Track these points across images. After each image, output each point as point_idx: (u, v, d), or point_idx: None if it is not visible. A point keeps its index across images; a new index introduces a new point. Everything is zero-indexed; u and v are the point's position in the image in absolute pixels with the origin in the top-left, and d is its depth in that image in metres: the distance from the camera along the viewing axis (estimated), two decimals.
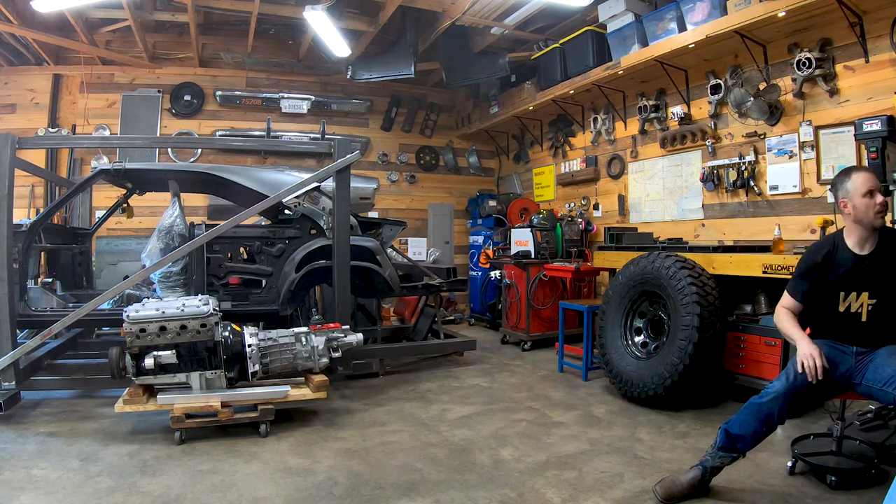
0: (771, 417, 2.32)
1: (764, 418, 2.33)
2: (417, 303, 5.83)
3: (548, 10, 5.49)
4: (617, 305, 4.13)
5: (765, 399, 2.34)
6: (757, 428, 2.34)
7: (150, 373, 3.14)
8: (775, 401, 2.31)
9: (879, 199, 2.28)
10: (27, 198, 6.19)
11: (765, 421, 2.33)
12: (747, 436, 2.35)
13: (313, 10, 5.16)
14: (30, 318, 3.85)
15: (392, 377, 4.66)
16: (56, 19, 5.84)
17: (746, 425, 2.36)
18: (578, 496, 2.48)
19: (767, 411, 2.32)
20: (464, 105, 8.25)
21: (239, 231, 4.15)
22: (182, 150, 6.92)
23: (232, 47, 6.97)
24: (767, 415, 2.32)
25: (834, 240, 2.46)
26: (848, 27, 3.71)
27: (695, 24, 4.42)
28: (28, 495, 2.45)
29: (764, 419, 2.33)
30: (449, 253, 8.26)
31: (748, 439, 2.36)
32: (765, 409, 2.32)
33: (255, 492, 2.51)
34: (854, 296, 2.34)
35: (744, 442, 2.37)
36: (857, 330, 2.35)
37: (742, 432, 2.36)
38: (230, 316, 3.75)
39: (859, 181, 2.33)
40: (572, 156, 6.74)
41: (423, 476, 2.70)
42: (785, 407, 2.30)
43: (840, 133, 3.89)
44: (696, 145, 5.03)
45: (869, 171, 2.42)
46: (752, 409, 2.37)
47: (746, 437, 2.36)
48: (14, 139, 3.63)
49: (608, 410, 3.73)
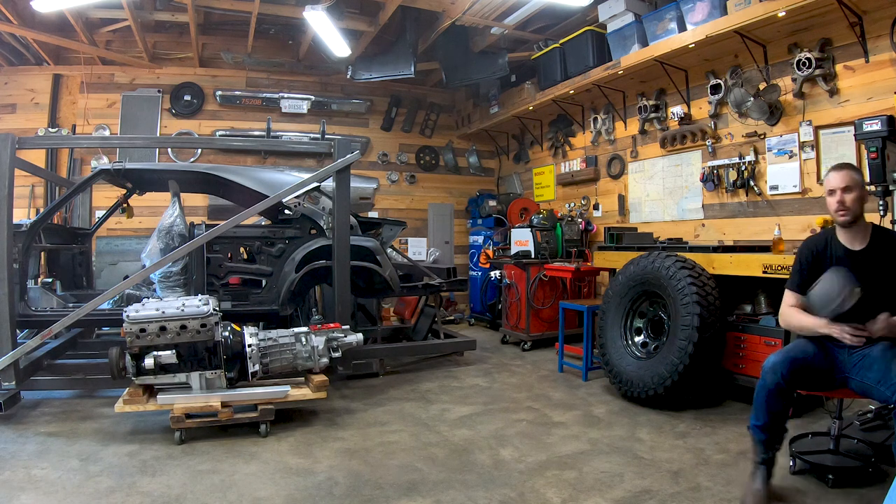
0: (780, 389, 2.31)
1: (773, 393, 2.32)
2: (417, 303, 5.83)
3: (548, 10, 5.49)
4: (617, 305, 4.13)
5: (767, 377, 2.35)
6: (772, 405, 2.33)
7: (150, 373, 3.14)
8: (774, 372, 2.32)
9: (837, 198, 2.33)
10: (27, 198, 6.20)
11: (775, 394, 2.32)
12: (768, 419, 2.34)
13: (313, 10, 5.16)
14: (30, 318, 3.85)
15: (392, 377, 4.66)
16: (56, 19, 5.84)
17: (762, 410, 2.35)
18: (578, 496, 2.48)
19: (772, 385, 2.32)
20: (464, 105, 8.25)
21: (239, 231, 4.15)
22: (182, 150, 6.92)
23: (232, 47, 6.97)
24: (775, 388, 2.32)
25: (826, 236, 2.51)
26: (848, 27, 3.71)
27: (695, 24, 4.42)
28: (28, 495, 2.45)
29: (774, 394, 2.32)
30: (449, 253, 8.26)
31: (769, 422, 2.35)
32: (770, 384, 2.33)
33: (255, 492, 2.51)
34: None
35: (768, 425, 2.35)
36: (851, 315, 2.35)
37: (763, 420, 2.36)
38: (230, 316, 3.75)
39: (827, 179, 2.43)
40: (572, 156, 6.74)
41: (424, 476, 2.69)
42: (787, 374, 2.29)
43: (840, 133, 3.89)
44: (696, 145, 5.03)
45: (841, 168, 2.44)
46: (760, 393, 2.37)
47: (768, 420, 2.34)
48: (14, 139, 3.63)
49: (608, 410, 3.73)
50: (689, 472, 2.70)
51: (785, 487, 2.50)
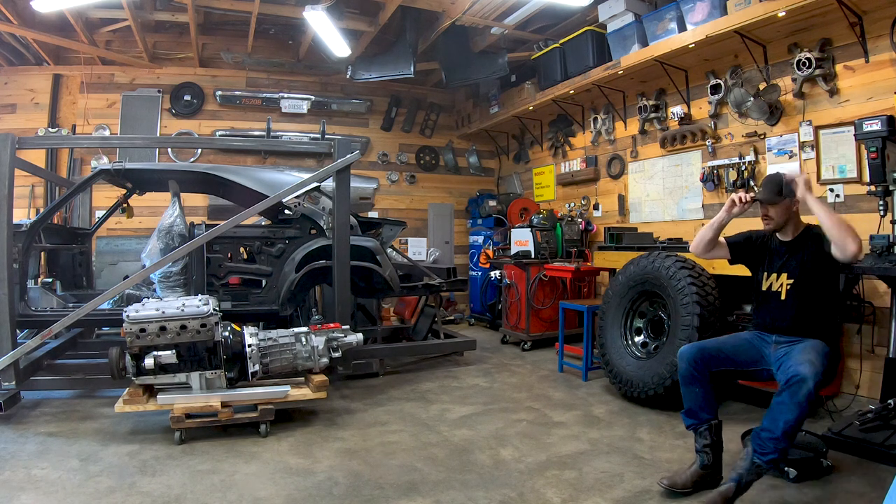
0: (691, 376, 2.54)
1: (686, 379, 2.56)
2: (417, 303, 5.83)
3: (548, 10, 5.49)
4: (617, 305, 4.13)
5: (679, 365, 2.60)
6: (687, 391, 2.57)
7: (150, 373, 3.14)
8: (682, 360, 2.57)
9: (763, 211, 2.61)
10: (27, 198, 6.19)
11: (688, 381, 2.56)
12: (688, 404, 2.57)
13: (313, 10, 5.16)
14: (30, 318, 3.85)
15: (392, 377, 4.66)
16: (56, 19, 5.84)
17: (683, 397, 2.60)
18: (578, 496, 2.48)
19: (683, 372, 2.57)
20: (464, 105, 8.24)
21: (239, 231, 4.15)
22: (182, 150, 6.92)
23: (232, 47, 6.97)
24: (686, 375, 2.56)
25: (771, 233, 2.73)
26: (848, 27, 3.71)
27: (695, 24, 4.42)
28: (28, 495, 2.45)
29: (686, 380, 2.56)
30: (449, 253, 8.26)
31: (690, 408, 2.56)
32: (682, 371, 2.58)
33: (255, 492, 2.51)
34: (775, 276, 2.62)
35: (697, 411, 2.54)
36: (778, 308, 2.58)
37: (686, 405, 2.58)
38: (230, 316, 3.75)
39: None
40: (572, 156, 6.74)
41: (424, 476, 2.70)
42: (695, 362, 2.53)
43: (840, 133, 3.89)
44: (696, 145, 5.03)
45: (768, 179, 2.63)
46: (679, 382, 2.62)
47: (689, 406, 2.56)
48: (14, 139, 3.63)
49: (608, 410, 3.73)
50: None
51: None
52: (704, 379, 2.54)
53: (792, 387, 2.19)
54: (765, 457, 2.19)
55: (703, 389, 2.53)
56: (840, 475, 2.62)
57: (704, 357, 2.55)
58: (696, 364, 2.54)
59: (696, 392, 2.54)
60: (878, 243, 2.98)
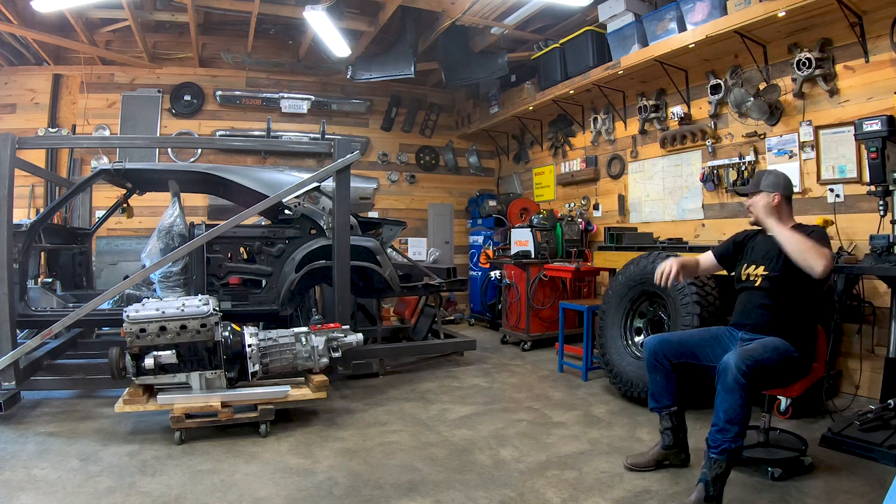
0: (653, 364, 2.69)
1: (650, 366, 2.71)
2: (417, 303, 5.83)
3: (548, 10, 5.49)
4: (617, 305, 4.13)
5: (643, 354, 2.76)
6: (652, 378, 2.72)
7: (150, 373, 3.14)
8: (646, 349, 2.73)
9: (747, 202, 2.74)
10: (27, 198, 6.19)
11: (651, 368, 2.71)
12: (655, 391, 2.73)
13: (313, 10, 5.16)
14: (30, 318, 3.85)
15: (392, 377, 4.66)
16: (56, 19, 5.84)
17: (651, 384, 2.75)
18: (578, 496, 2.48)
19: (646, 360, 2.72)
20: (464, 105, 8.24)
21: (239, 231, 4.15)
22: (182, 150, 6.92)
23: (232, 47, 6.97)
24: (649, 362, 2.70)
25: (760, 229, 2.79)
26: (848, 27, 3.71)
27: (695, 24, 4.42)
28: (28, 495, 2.45)
29: (650, 367, 2.71)
30: (449, 253, 8.26)
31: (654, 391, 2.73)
32: (645, 359, 2.74)
33: (255, 492, 2.51)
34: (753, 267, 2.70)
35: (659, 397, 2.71)
36: (749, 300, 2.68)
37: (650, 388, 2.76)
38: (230, 316, 3.75)
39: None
40: (572, 156, 6.74)
41: (423, 476, 2.70)
42: (657, 352, 2.67)
43: (840, 133, 3.89)
44: (696, 145, 5.04)
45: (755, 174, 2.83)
46: (647, 370, 2.76)
47: (655, 393, 2.73)
48: (14, 139, 3.63)
49: (608, 410, 3.73)
50: (689, 471, 2.70)
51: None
52: (665, 369, 2.67)
53: (719, 375, 2.29)
54: (716, 449, 2.25)
55: (663, 378, 2.68)
56: (840, 475, 2.62)
57: (664, 349, 2.68)
58: (656, 355, 2.68)
59: (657, 380, 2.70)
60: (878, 243, 2.98)
